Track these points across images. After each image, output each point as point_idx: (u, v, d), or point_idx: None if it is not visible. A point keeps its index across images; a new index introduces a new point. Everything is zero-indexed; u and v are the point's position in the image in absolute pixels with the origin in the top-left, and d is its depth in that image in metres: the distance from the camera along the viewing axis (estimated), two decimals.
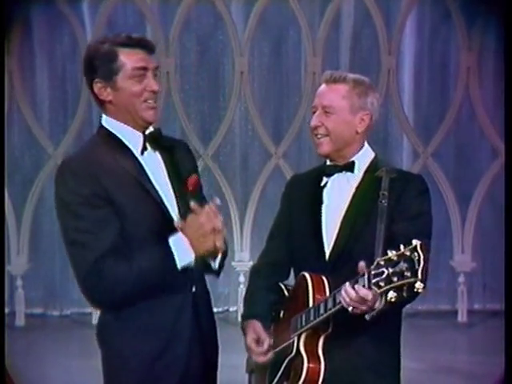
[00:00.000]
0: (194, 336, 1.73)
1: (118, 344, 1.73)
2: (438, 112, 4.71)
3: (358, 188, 1.82)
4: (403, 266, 1.55)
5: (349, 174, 1.84)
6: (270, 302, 1.86)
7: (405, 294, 1.56)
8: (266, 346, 1.81)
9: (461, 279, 4.61)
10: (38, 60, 4.62)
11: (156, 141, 1.76)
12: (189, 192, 1.75)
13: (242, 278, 4.52)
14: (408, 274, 1.55)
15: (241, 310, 1.91)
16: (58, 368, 3.68)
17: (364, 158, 1.85)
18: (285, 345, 1.80)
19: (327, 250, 1.80)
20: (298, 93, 4.68)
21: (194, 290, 1.73)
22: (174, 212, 1.73)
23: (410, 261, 1.55)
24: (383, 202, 1.74)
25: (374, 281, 1.59)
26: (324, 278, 1.77)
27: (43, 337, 4.30)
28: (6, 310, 4.58)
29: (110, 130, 1.77)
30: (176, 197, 1.74)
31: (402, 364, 1.82)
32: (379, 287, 1.58)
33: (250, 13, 4.59)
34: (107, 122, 1.78)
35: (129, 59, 1.72)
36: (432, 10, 4.71)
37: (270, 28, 4.69)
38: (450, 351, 4.02)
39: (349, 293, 1.64)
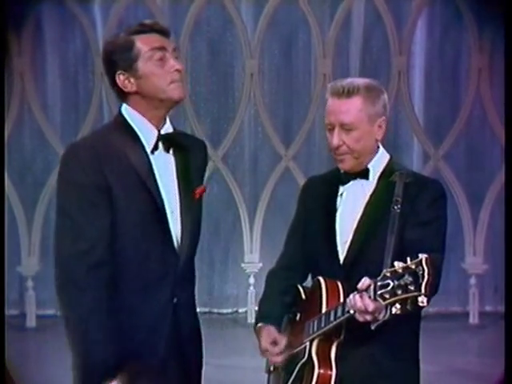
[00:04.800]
0: (170, 348, 1.73)
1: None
2: (448, 114, 4.68)
3: (372, 194, 1.80)
4: (408, 279, 1.55)
5: (363, 180, 1.81)
6: (284, 305, 1.85)
7: (409, 308, 1.56)
8: (282, 345, 1.80)
9: (472, 281, 4.59)
10: (49, 62, 4.64)
11: (170, 142, 1.75)
12: (194, 200, 1.75)
13: (251, 280, 4.52)
14: (412, 287, 1.55)
15: (250, 312, 1.91)
16: (69, 369, 3.68)
17: (379, 163, 1.82)
18: (298, 349, 1.80)
19: (341, 256, 1.79)
20: (308, 95, 4.67)
21: (175, 300, 1.72)
22: (174, 215, 1.73)
23: (415, 274, 1.55)
24: (396, 207, 1.73)
25: (379, 292, 1.59)
26: (339, 284, 1.77)
27: (54, 338, 4.30)
28: (17, 312, 4.60)
29: (128, 120, 1.76)
30: (180, 201, 1.74)
31: None
32: (384, 299, 1.58)
33: (260, 15, 4.59)
34: (127, 111, 1.77)
35: (145, 43, 1.73)
36: (443, 11, 4.69)
37: (280, 30, 4.69)
38: (462, 353, 4.01)
39: (355, 301, 1.64)
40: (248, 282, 4.54)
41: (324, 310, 1.76)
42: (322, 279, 1.78)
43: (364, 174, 1.81)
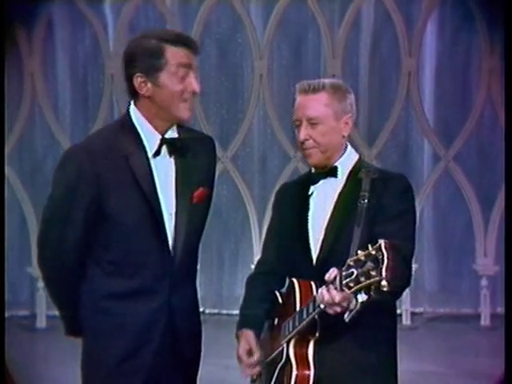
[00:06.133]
0: (164, 347, 1.75)
1: (92, 339, 1.77)
2: (459, 115, 4.66)
3: (341, 192, 1.83)
4: (369, 265, 1.57)
5: (333, 179, 1.84)
6: (264, 311, 1.85)
7: (373, 294, 1.57)
8: (255, 358, 1.81)
9: (483, 283, 4.56)
10: (59, 62, 4.66)
11: (174, 147, 1.77)
12: (193, 203, 1.76)
13: None
14: (373, 273, 1.56)
15: None
16: (79, 369, 3.69)
17: (347, 161, 1.85)
18: (276, 352, 1.80)
19: (314, 256, 1.81)
20: None
21: (169, 298, 1.74)
22: (171, 219, 1.75)
23: (376, 260, 1.56)
24: (362, 202, 1.75)
25: (344, 282, 1.60)
26: (312, 283, 1.77)
27: (64, 338, 4.31)
28: (27, 312, 4.62)
29: (134, 122, 1.77)
30: (176, 205, 1.76)
31: (424, 368, 1.79)
32: (349, 288, 1.60)
33: (269, 15, 4.59)
34: (134, 113, 1.78)
35: (174, 56, 1.73)
36: (453, 12, 4.66)
37: (290, 30, 4.69)
38: (473, 355, 3.98)
39: (323, 295, 1.66)
40: None
41: (298, 310, 1.76)
42: (295, 280, 1.79)
43: (333, 172, 1.84)
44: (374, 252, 1.57)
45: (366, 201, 1.74)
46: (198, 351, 1.83)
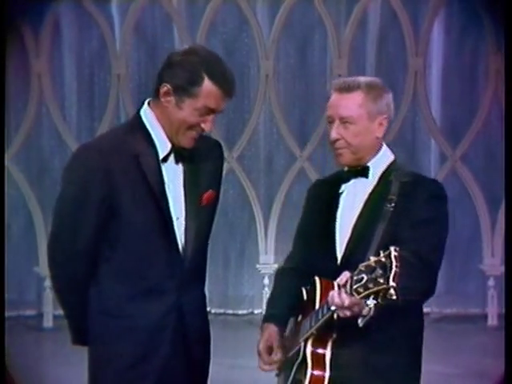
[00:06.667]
0: (174, 349, 1.74)
1: (100, 343, 1.75)
2: (466, 115, 4.65)
3: (371, 193, 1.80)
4: (378, 272, 1.56)
5: (364, 179, 1.81)
6: (288, 305, 1.84)
7: (380, 301, 1.57)
8: (275, 357, 1.79)
9: (491, 283, 4.55)
10: (66, 63, 4.67)
11: (181, 156, 1.77)
12: (202, 206, 1.77)
13: (266, 281, 4.52)
14: (381, 280, 1.56)
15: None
16: (85, 369, 3.69)
17: (381, 162, 1.82)
18: (295, 350, 1.79)
19: (339, 255, 1.80)
20: (323, 95, 4.65)
21: (180, 302, 1.74)
22: (179, 222, 1.75)
23: (384, 267, 1.56)
24: (388, 206, 1.72)
25: (354, 287, 1.60)
26: (334, 283, 1.75)
27: None
28: (34, 312, 4.64)
29: (146, 125, 1.77)
30: (186, 209, 1.76)
31: (431, 368, 1.77)
32: (358, 293, 1.59)
33: (275, 15, 4.59)
34: (146, 115, 1.77)
35: (207, 94, 1.72)
36: (460, 11, 4.65)
37: (296, 30, 4.69)
38: (480, 355, 3.97)
39: (333, 297, 1.65)
40: (263, 283, 4.54)
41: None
42: (317, 279, 1.78)
43: (364, 172, 1.81)
44: (383, 259, 1.55)
45: (392, 204, 1.72)
46: (208, 352, 1.83)
